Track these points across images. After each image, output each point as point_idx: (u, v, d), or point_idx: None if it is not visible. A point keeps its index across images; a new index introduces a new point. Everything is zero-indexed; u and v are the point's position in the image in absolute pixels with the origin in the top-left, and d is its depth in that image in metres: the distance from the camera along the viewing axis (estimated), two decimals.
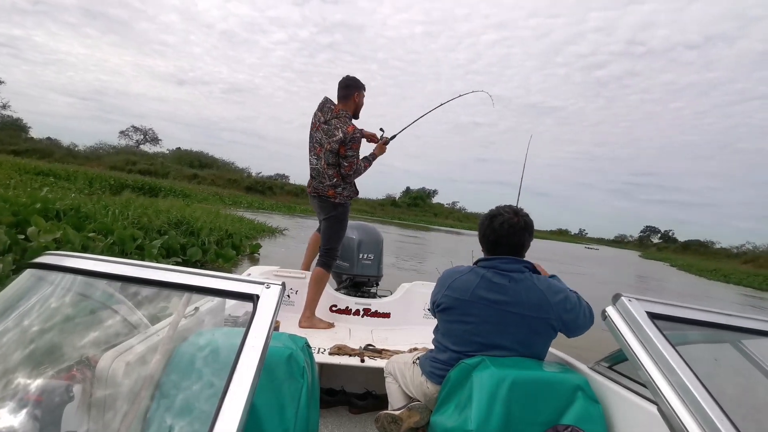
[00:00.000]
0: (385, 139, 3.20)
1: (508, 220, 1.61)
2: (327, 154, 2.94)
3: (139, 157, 48.88)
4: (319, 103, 3.06)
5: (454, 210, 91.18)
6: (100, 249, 6.17)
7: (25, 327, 1.13)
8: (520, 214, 1.64)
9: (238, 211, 21.47)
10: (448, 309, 1.62)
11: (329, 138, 2.91)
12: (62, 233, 5.81)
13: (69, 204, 8.25)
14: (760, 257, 60.30)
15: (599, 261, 31.09)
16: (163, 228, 8.80)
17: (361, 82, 3.07)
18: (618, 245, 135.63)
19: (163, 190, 24.93)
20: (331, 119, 2.94)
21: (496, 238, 1.63)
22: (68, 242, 5.75)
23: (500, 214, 1.64)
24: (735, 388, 1.29)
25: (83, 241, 6.02)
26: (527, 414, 1.34)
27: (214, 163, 57.02)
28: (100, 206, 9.20)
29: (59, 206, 7.80)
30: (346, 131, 2.88)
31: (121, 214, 8.88)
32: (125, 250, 6.74)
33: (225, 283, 1.09)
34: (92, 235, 6.51)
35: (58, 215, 7.48)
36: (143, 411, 1.05)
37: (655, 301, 1.20)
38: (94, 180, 22.29)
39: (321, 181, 3.01)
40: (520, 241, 1.63)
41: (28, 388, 1.03)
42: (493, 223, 1.64)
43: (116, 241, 6.80)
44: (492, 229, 1.63)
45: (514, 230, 1.61)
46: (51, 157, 38.71)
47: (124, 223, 8.07)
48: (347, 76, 3.05)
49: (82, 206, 8.48)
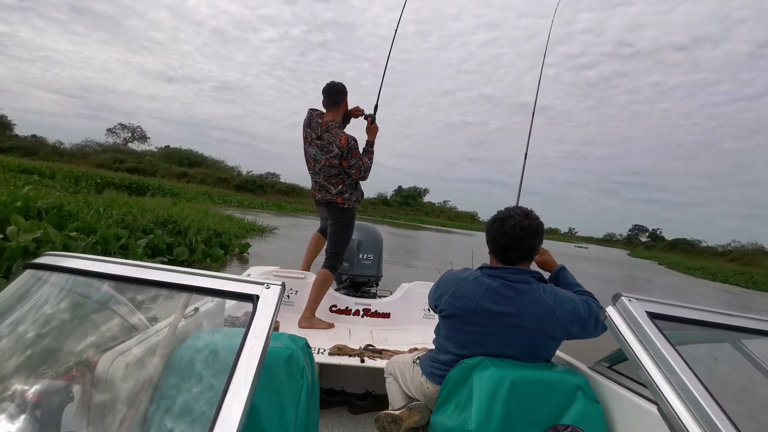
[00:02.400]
0: (371, 117, 3.08)
1: (520, 223, 1.53)
2: (326, 169, 2.91)
3: (126, 155, 48.33)
4: (305, 119, 3.00)
5: (445, 209, 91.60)
6: (81, 248, 6.01)
7: (24, 327, 1.12)
8: (531, 217, 1.55)
9: (227, 209, 21.25)
10: (451, 317, 1.58)
11: (326, 155, 2.87)
12: (42, 232, 5.63)
13: (51, 202, 8.03)
14: (745, 255, 61.44)
15: (589, 260, 31.35)
16: (149, 227, 8.61)
17: (344, 86, 2.99)
18: (607, 244, 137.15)
19: (150, 188, 24.58)
20: (323, 134, 2.88)
21: (507, 242, 1.54)
22: (49, 242, 5.57)
23: (511, 216, 1.55)
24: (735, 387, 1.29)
25: (64, 241, 5.84)
26: (527, 414, 1.33)
27: (203, 161, 56.55)
28: (83, 205, 8.97)
29: (41, 205, 7.58)
30: (341, 145, 2.83)
31: (105, 212, 8.67)
32: (109, 250, 6.58)
33: (225, 283, 1.09)
34: (74, 235, 6.32)
35: (39, 214, 7.27)
36: (143, 412, 1.04)
37: (655, 301, 1.19)
38: (80, 178, 21.94)
39: (327, 191, 2.98)
40: (531, 245, 1.55)
41: (28, 389, 1.02)
42: (504, 226, 1.54)
43: (99, 240, 6.63)
44: (503, 233, 1.54)
45: (525, 233, 1.53)
46: (36, 155, 38.15)
47: (108, 222, 7.87)
48: (333, 82, 2.97)
49: (65, 205, 8.26)
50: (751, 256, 60.53)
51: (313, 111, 2.99)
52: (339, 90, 2.96)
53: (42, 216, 7.17)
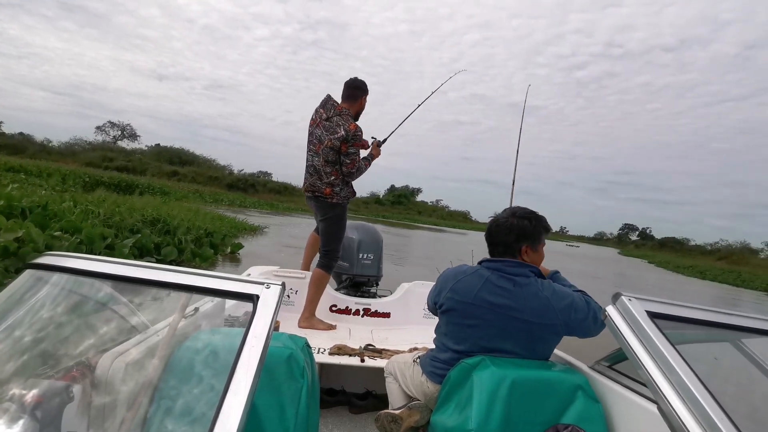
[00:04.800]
0: (378, 141, 3.23)
1: (504, 222, 1.65)
2: (326, 151, 2.91)
3: (116, 154, 47.77)
4: (322, 100, 3.03)
5: (438, 208, 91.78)
6: (65, 248, 5.87)
7: (24, 327, 1.12)
8: (517, 215, 1.64)
9: (219, 208, 21.07)
10: (450, 311, 1.60)
11: (330, 135, 2.89)
12: (24, 232, 5.50)
13: (36, 201, 7.87)
14: (733, 254, 62.31)
15: (581, 258, 31.57)
16: (136, 226, 8.46)
17: (366, 85, 3.08)
18: (598, 242, 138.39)
19: (139, 187, 24.27)
20: (333, 116, 2.92)
21: (489, 238, 1.68)
22: (31, 241, 5.45)
23: (499, 217, 1.69)
24: (735, 387, 1.30)
25: (47, 240, 5.70)
26: (527, 413, 1.34)
27: (195, 160, 56.05)
28: (69, 203, 8.80)
29: (25, 203, 7.43)
30: (348, 129, 2.86)
31: (91, 211, 8.50)
32: (94, 250, 6.45)
33: (225, 283, 1.09)
34: (58, 234, 6.18)
35: (23, 213, 7.11)
36: (143, 412, 1.04)
37: (655, 300, 1.19)
38: (68, 177, 21.61)
39: (318, 178, 2.97)
40: (506, 241, 1.63)
41: (28, 389, 1.02)
42: (490, 226, 1.70)
43: (84, 240, 6.49)
44: (488, 231, 1.69)
45: (499, 230, 1.65)
46: (23, 153, 37.53)
47: (93, 221, 7.73)
48: (356, 78, 3.06)
49: (50, 203, 8.10)
50: (739, 254, 61.42)
51: (330, 96, 3.02)
52: (357, 86, 3.03)
53: (26, 215, 7.03)
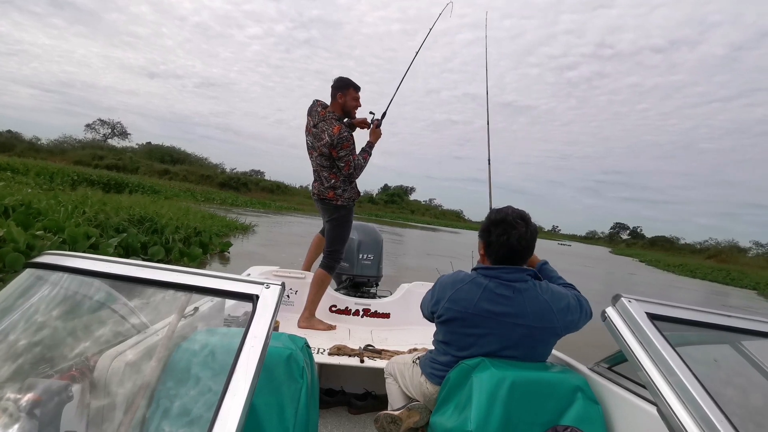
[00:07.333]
0: (377, 122, 3.14)
1: (524, 234, 1.52)
2: (319, 158, 2.95)
3: (106, 152, 47.08)
4: (309, 107, 3.04)
5: (431, 207, 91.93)
6: (47, 248, 5.74)
7: (24, 326, 1.12)
8: (530, 225, 1.56)
9: (210, 207, 20.85)
10: (451, 321, 1.57)
11: (318, 142, 2.91)
12: (5, 231, 5.37)
13: (19, 199, 7.71)
14: (721, 252, 63.00)
15: (573, 257, 31.73)
16: (122, 225, 8.31)
17: (346, 81, 3.00)
18: (589, 241, 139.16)
19: (129, 185, 23.96)
20: (319, 123, 2.93)
21: (511, 253, 1.54)
22: (12, 240, 5.33)
23: (512, 225, 1.53)
24: (734, 389, 1.30)
25: (29, 240, 5.60)
26: (527, 415, 1.34)
27: (186, 158, 55.40)
28: (53, 202, 8.63)
29: (8, 202, 7.27)
30: (332, 133, 2.84)
31: (77, 210, 8.35)
32: (77, 249, 6.31)
33: (224, 283, 1.09)
34: (40, 233, 6.06)
35: (6, 212, 6.96)
36: (142, 411, 1.04)
37: (655, 302, 1.19)
38: (56, 175, 21.27)
39: (321, 182, 3.02)
40: (529, 253, 1.59)
41: (27, 388, 1.01)
42: (509, 237, 1.52)
43: (67, 239, 6.38)
44: (509, 246, 1.53)
45: (528, 244, 1.54)
46: (11, 151, 36.93)
47: (78, 220, 7.58)
48: (338, 77, 3.01)
49: (34, 202, 7.93)
50: (727, 253, 62.08)
51: (316, 101, 3.02)
52: (333, 85, 3.00)
53: (9, 214, 6.89)
